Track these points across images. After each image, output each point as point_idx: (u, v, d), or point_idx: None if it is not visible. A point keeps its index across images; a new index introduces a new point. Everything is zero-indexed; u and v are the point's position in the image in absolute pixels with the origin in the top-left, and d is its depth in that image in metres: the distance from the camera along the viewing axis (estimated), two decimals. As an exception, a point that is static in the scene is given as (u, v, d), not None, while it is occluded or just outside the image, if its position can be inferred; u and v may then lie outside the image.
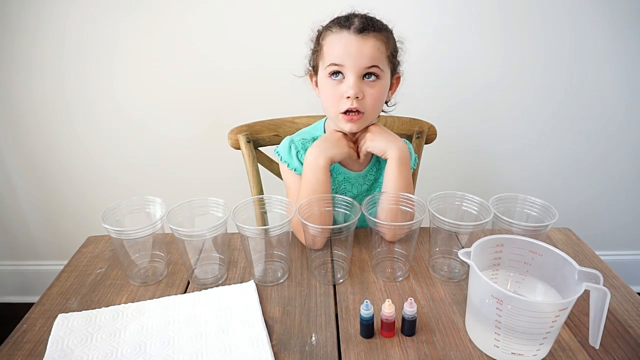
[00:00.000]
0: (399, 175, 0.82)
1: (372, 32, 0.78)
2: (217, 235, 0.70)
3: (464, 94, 1.42)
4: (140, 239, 0.71)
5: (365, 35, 0.77)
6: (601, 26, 1.32)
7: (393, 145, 0.82)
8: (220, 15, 1.29)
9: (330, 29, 0.81)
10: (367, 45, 0.77)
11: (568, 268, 0.58)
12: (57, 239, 1.65)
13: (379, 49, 0.79)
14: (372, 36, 0.78)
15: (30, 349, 0.61)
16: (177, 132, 1.45)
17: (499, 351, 0.58)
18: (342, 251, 0.78)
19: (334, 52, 0.79)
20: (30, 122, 1.42)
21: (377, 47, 0.78)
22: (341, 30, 0.78)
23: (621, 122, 1.46)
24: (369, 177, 0.93)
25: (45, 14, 1.27)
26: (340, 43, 0.78)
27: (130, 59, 1.34)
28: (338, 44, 0.78)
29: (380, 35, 0.79)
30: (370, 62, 0.78)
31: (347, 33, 0.78)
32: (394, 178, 0.82)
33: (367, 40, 0.77)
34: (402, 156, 0.82)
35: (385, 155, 0.83)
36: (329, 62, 0.79)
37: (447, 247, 0.78)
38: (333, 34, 0.80)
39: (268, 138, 1.08)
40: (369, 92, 0.79)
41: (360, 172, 0.91)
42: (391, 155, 0.82)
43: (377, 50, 0.78)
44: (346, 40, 0.78)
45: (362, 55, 0.77)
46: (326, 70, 0.80)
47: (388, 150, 0.82)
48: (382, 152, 0.83)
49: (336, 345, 0.61)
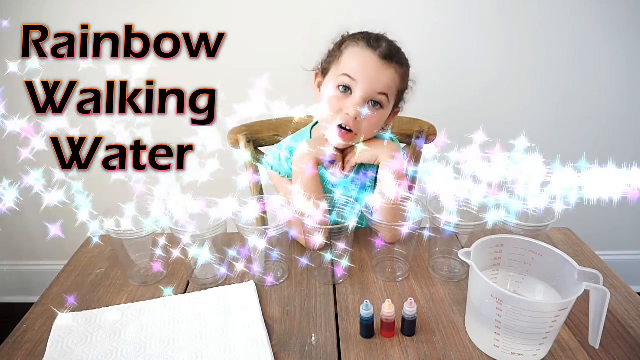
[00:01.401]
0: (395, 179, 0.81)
1: (394, 63, 0.79)
2: (217, 235, 0.70)
3: (464, 94, 1.41)
4: (140, 239, 0.71)
5: (387, 63, 0.78)
6: (601, 26, 1.32)
7: (384, 149, 0.82)
8: (221, 15, 1.29)
9: (357, 41, 0.80)
10: (386, 73, 0.78)
11: (568, 268, 0.58)
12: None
13: (394, 81, 0.80)
14: (393, 67, 0.79)
15: (30, 349, 0.61)
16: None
17: (499, 351, 0.58)
18: (342, 251, 0.78)
19: (352, 64, 0.78)
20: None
21: (393, 79, 0.79)
22: (367, 48, 0.78)
23: (621, 121, 1.46)
24: (355, 181, 0.93)
25: (45, 13, 1.27)
26: (362, 59, 0.78)
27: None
28: (359, 59, 0.78)
29: (400, 69, 0.81)
30: (382, 90, 0.78)
31: (372, 53, 0.78)
32: (390, 183, 0.81)
33: (388, 69, 0.78)
34: (394, 160, 0.82)
35: (378, 160, 0.83)
36: (343, 72, 0.79)
37: (447, 247, 0.78)
38: (358, 47, 0.79)
39: (268, 138, 1.08)
40: (368, 117, 0.80)
41: (347, 178, 0.91)
42: (383, 159, 0.82)
43: (392, 81, 0.79)
44: (368, 59, 0.78)
45: (377, 80, 0.78)
46: (337, 80, 0.80)
47: (379, 155, 0.82)
48: (374, 160, 0.83)
49: (336, 346, 0.61)
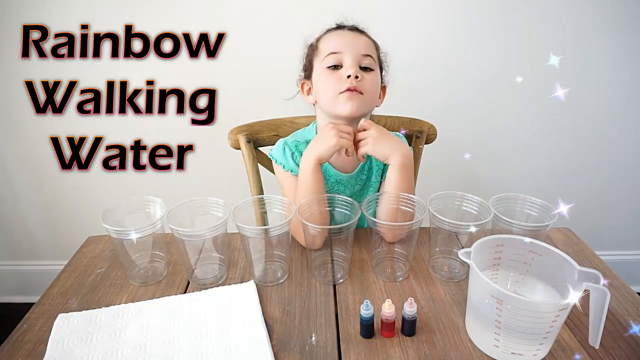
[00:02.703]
0: (401, 183, 0.79)
1: (363, 33, 0.88)
2: (217, 235, 0.70)
3: (464, 94, 1.41)
4: (140, 239, 0.71)
5: (358, 32, 0.87)
6: (601, 25, 1.32)
7: (397, 151, 0.79)
8: (221, 15, 1.29)
9: (327, 31, 0.89)
10: (361, 38, 0.86)
11: (568, 268, 0.58)
12: (57, 239, 1.65)
13: (371, 45, 0.87)
14: (364, 34, 0.88)
15: (30, 349, 0.61)
16: (177, 132, 1.44)
17: (499, 351, 0.58)
18: (342, 251, 0.78)
19: (332, 42, 0.85)
20: (31, 122, 1.42)
21: (369, 43, 0.87)
22: (337, 29, 0.88)
23: (621, 121, 1.46)
24: (360, 177, 0.92)
25: (45, 13, 1.27)
26: (337, 36, 0.86)
27: (130, 58, 1.34)
28: (334, 37, 0.86)
29: (370, 38, 0.88)
30: (366, 51, 0.84)
31: (342, 30, 0.88)
32: (396, 185, 0.80)
33: (361, 36, 0.87)
34: (406, 162, 0.79)
35: (388, 161, 0.80)
36: (328, 52, 0.83)
37: (447, 247, 0.78)
38: (329, 33, 0.88)
39: (268, 138, 1.08)
40: (366, 76, 0.83)
41: (352, 173, 0.91)
42: (394, 162, 0.79)
43: (369, 45, 0.86)
44: (341, 34, 0.87)
45: (358, 44, 0.84)
46: (324, 63, 0.84)
47: (391, 156, 0.79)
48: (385, 158, 0.80)
49: (336, 345, 0.61)
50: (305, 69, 0.91)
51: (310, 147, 0.82)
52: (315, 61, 0.87)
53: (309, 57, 0.89)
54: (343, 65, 0.82)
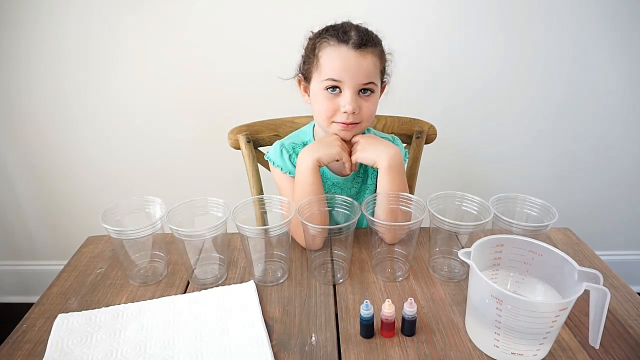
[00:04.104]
0: (392, 184, 0.81)
1: (369, 48, 0.79)
2: (217, 235, 0.70)
3: (464, 94, 1.41)
4: (140, 239, 0.71)
5: (363, 51, 0.78)
6: (601, 25, 1.32)
7: (382, 154, 0.81)
8: (221, 16, 1.29)
9: (327, 41, 0.80)
10: (365, 61, 0.78)
11: (568, 268, 0.58)
12: (57, 239, 1.65)
13: (375, 65, 0.80)
14: (369, 52, 0.79)
15: (30, 349, 0.61)
16: (177, 132, 1.45)
17: (499, 351, 0.58)
18: (342, 251, 0.78)
19: (333, 67, 0.79)
20: (30, 122, 1.42)
21: (373, 63, 0.80)
22: (339, 45, 0.78)
23: (621, 121, 1.46)
24: (356, 179, 0.94)
25: (45, 13, 1.27)
26: (339, 59, 0.78)
27: (130, 60, 1.34)
28: (337, 60, 0.78)
29: (376, 50, 0.81)
30: (368, 79, 0.79)
31: (346, 48, 0.78)
32: (387, 187, 0.81)
33: (365, 57, 0.78)
34: (393, 164, 0.81)
35: (376, 165, 0.82)
36: (327, 77, 0.79)
37: (447, 247, 0.78)
38: (331, 47, 0.79)
39: (268, 138, 1.08)
40: (364, 105, 0.81)
41: (348, 176, 0.92)
42: (381, 164, 0.81)
43: (373, 67, 0.80)
44: (345, 56, 0.78)
45: (360, 73, 0.78)
46: (322, 85, 0.81)
47: (378, 160, 0.81)
48: (373, 162, 0.82)
49: (336, 345, 0.61)
50: (305, 71, 0.86)
51: (312, 148, 0.82)
52: (314, 74, 0.83)
53: (308, 62, 0.84)
54: (342, 92, 0.80)
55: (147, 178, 1.52)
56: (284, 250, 0.76)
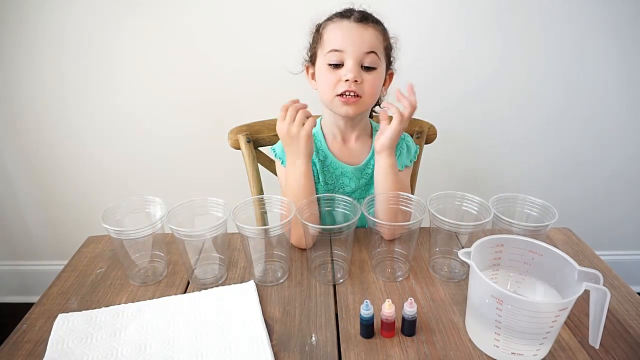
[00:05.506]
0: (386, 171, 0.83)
1: (371, 23, 0.83)
2: (217, 235, 0.70)
3: (464, 94, 1.41)
4: (140, 239, 0.71)
5: (364, 24, 0.82)
6: (600, 25, 1.32)
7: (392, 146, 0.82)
8: (221, 15, 1.29)
9: (331, 19, 0.84)
10: (366, 32, 0.81)
11: (568, 268, 0.58)
12: (57, 239, 1.65)
13: (377, 38, 0.83)
14: (371, 26, 0.82)
15: (30, 349, 0.61)
16: (177, 132, 1.45)
17: (499, 351, 0.58)
18: (342, 251, 0.78)
19: (335, 38, 0.82)
20: (31, 122, 1.42)
21: (375, 36, 0.82)
22: (341, 20, 0.83)
23: (621, 121, 1.46)
24: (366, 170, 0.93)
25: (45, 14, 1.27)
26: (341, 30, 0.82)
27: (130, 59, 1.34)
28: (338, 31, 0.82)
29: (378, 26, 0.84)
30: (370, 48, 0.81)
31: (348, 21, 0.82)
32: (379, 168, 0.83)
33: (367, 28, 0.82)
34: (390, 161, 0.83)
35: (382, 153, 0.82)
36: (329, 49, 0.81)
37: (447, 247, 0.78)
38: (333, 23, 0.84)
39: (268, 138, 1.08)
40: (367, 78, 0.82)
41: (358, 165, 0.91)
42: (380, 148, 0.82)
43: (375, 38, 0.82)
44: (346, 27, 0.82)
45: (362, 41, 0.80)
46: (325, 59, 0.82)
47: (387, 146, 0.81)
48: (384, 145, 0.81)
49: (336, 345, 0.61)
50: (311, 54, 0.89)
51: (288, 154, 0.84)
52: (318, 51, 0.85)
53: (314, 44, 0.88)
54: (344, 65, 0.81)
55: (147, 178, 1.52)
56: (284, 250, 0.76)
